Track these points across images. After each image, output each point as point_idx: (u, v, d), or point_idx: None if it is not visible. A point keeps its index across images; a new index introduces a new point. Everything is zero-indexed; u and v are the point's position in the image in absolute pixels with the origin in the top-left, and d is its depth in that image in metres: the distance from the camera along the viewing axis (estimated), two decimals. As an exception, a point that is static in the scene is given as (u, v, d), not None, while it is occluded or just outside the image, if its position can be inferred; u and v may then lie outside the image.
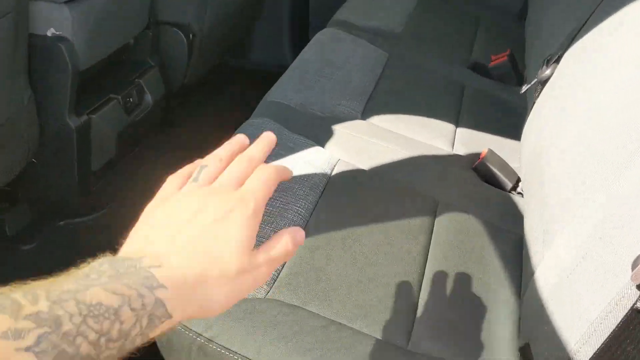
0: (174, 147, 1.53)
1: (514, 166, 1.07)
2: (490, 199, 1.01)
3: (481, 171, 1.05)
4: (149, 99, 1.34)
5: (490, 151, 1.07)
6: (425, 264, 0.82)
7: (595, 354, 0.54)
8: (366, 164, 1.00)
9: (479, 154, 1.08)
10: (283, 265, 0.77)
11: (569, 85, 0.91)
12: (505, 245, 0.88)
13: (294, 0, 1.95)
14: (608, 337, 0.53)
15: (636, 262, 0.50)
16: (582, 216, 0.61)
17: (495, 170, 1.04)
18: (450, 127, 1.19)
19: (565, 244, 0.63)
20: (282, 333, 0.68)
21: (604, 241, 0.55)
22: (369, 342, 0.69)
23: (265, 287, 0.74)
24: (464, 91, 1.32)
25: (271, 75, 1.32)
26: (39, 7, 1.03)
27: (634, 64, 0.72)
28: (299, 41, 1.85)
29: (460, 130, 1.19)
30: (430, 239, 0.87)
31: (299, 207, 0.86)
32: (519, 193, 1.04)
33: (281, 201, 0.85)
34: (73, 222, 1.29)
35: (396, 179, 0.99)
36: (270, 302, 0.72)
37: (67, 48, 1.06)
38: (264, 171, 0.43)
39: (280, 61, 1.84)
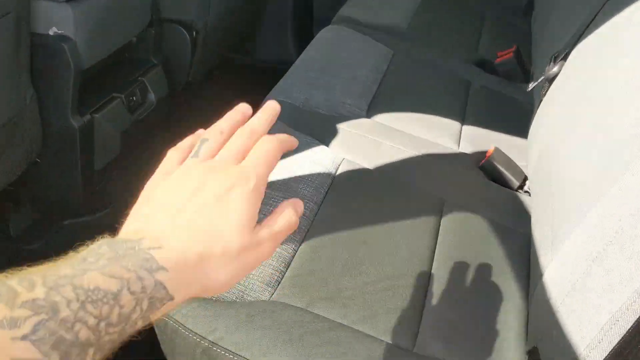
0: (178, 145, 1.52)
1: (521, 164, 1.06)
2: (497, 197, 1.00)
3: (488, 170, 1.04)
4: (152, 97, 1.33)
5: (497, 149, 1.06)
6: (432, 265, 0.81)
7: (605, 359, 0.53)
8: (371, 163, 0.99)
9: (485, 152, 1.07)
10: (287, 267, 0.76)
11: (578, 82, 0.90)
12: (513, 245, 0.87)
13: (298, -4, 1.94)
14: (618, 343, 0.52)
15: (648, 266, 0.49)
16: (592, 217, 0.60)
17: (501, 168, 1.03)
18: (456, 124, 1.17)
19: (575, 245, 0.62)
20: (287, 336, 0.67)
21: (615, 244, 0.54)
22: (374, 345, 0.68)
23: (269, 289, 0.74)
24: (469, 88, 1.31)
25: (275, 71, 1.31)
26: (41, 6, 1.02)
27: (645, 61, 0.70)
28: (304, 38, 1.84)
29: (466, 128, 1.18)
30: (437, 239, 0.86)
31: (303, 208, 0.85)
32: (526, 192, 1.02)
33: (285, 201, 0.85)
34: (77, 221, 1.28)
35: (401, 178, 0.98)
36: (275, 305, 0.71)
37: (70, 47, 1.05)
38: (266, 144, 0.42)
39: (284, 57, 1.83)
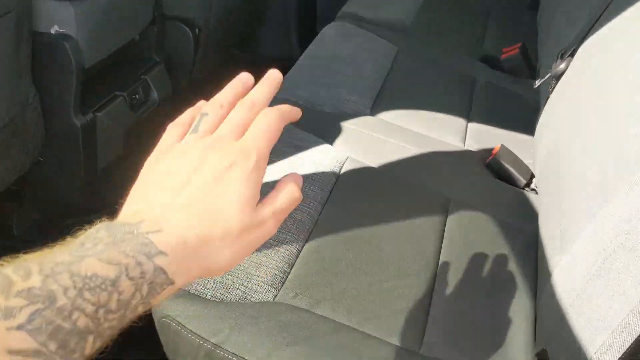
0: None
1: (528, 162, 1.05)
2: (504, 196, 0.99)
3: (494, 168, 1.03)
4: (155, 95, 1.32)
5: (503, 147, 1.05)
6: (437, 265, 0.80)
7: (616, 362, 0.52)
8: (375, 161, 0.98)
9: (492, 150, 1.06)
10: (291, 268, 0.76)
11: (586, 79, 0.88)
12: (520, 244, 0.86)
13: (302, -8, 1.92)
14: (630, 346, 0.50)
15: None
16: (602, 217, 0.59)
17: (508, 166, 1.02)
18: (461, 122, 1.16)
19: (584, 246, 0.61)
20: (291, 338, 0.66)
21: (626, 246, 0.53)
22: (380, 347, 0.68)
23: (273, 290, 0.73)
24: (475, 85, 1.30)
25: (279, 68, 1.30)
26: (42, 4, 1.02)
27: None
28: (307, 34, 1.83)
29: (472, 126, 1.16)
30: (442, 238, 0.85)
31: (307, 207, 0.84)
32: (532, 190, 1.01)
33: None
34: (80, 220, 1.28)
35: (406, 177, 0.97)
36: (279, 306, 0.70)
37: (71, 46, 1.04)
38: (267, 117, 0.40)
39: (288, 54, 1.82)
